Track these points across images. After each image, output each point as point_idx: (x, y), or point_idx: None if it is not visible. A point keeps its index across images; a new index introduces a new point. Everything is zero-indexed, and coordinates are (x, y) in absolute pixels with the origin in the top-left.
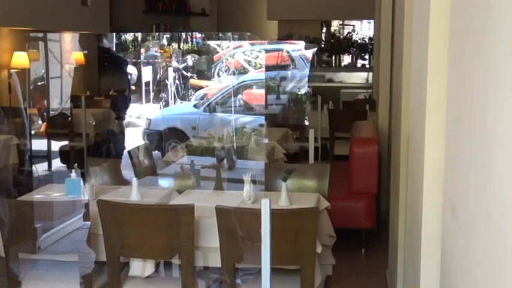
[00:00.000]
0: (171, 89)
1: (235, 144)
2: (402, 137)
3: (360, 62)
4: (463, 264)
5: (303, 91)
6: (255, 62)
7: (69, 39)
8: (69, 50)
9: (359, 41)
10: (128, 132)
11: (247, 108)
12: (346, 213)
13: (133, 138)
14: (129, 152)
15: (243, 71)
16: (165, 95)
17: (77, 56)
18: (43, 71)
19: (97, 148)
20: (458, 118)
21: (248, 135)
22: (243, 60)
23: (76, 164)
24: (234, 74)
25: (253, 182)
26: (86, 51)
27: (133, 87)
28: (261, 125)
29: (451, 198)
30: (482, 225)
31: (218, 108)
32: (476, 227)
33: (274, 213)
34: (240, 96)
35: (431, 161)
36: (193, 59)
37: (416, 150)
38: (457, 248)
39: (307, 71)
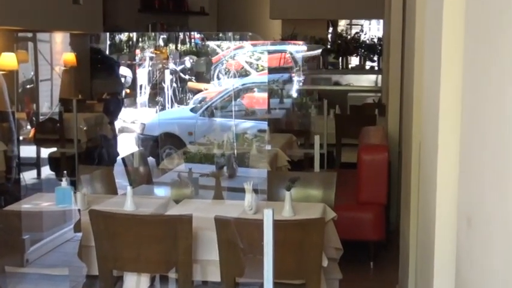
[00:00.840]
0: (168, 92)
1: (235, 151)
2: (414, 143)
3: (368, 64)
4: (480, 280)
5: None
6: (257, 64)
7: (60, 39)
8: (60, 50)
9: (367, 41)
10: (122, 137)
11: (249, 113)
12: (353, 225)
13: (127, 144)
14: (123, 159)
15: (244, 74)
16: (161, 99)
17: (68, 57)
18: (32, 73)
19: (89, 155)
20: (474, 122)
21: (249, 141)
22: (244, 62)
23: (66, 172)
24: (234, 76)
25: (255, 191)
26: (78, 52)
27: (127, 91)
28: (263, 131)
29: (466, 208)
30: (500, 237)
31: (217, 113)
32: (494, 239)
33: (278, 225)
34: (240, 100)
35: (445, 169)
36: (191, 60)
37: (428, 157)
38: (473, 263)
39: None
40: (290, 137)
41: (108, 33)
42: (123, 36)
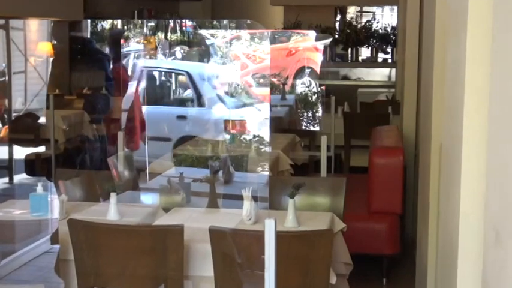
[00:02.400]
0: (176, 87)
1: (232, 153)
2: (433, 145)
3: (380, 56)
4: None
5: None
6: (255, 56)
7: (35, 27)
8: (35, 40)
9: (380, 31)
10: (105, 138)
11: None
12: (364, 237)
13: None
14: (106, 161)
15: (242, 66)
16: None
17: (44, 47)
18: (4, 64)
19: (67, 157)
20: (504, 121)
21: (247, 142)
22: (242, 54)
23: (43, 176)
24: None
25: (254, 198)
26: (56, 42)
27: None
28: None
29: (494, 219)
30: None
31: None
32: None
33: (280, 236)
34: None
35: (470, 174)
36: (182, 51)
37: (451, 161)
38: (502, 280)
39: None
40: (293, 138)
41: (89, 21)
42: (106, 23)
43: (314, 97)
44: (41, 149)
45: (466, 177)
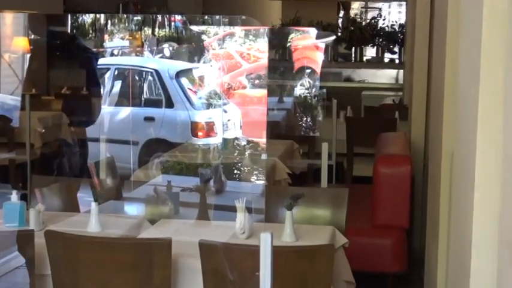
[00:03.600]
0: (144, 86)
1: (224, 160)
2: (444, 153)
3: (387, 56)
4: None
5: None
6: (250, 55)
7: (10, 20)
8: (10, 34)
9: (386, 28)
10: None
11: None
12: (368, 253)
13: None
14: (86, 168)
15: (235, 65)
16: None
17: (20, 42)
18: None
19: (44, 163)
20: None
21: (241, 148)
22: (235, 52)
23: (17, 184)
24: (223, 69)
25: (249, 210)
26: (33, 37)
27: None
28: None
29: (509, 236)
30: None
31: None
32: None
33: (276, 252)
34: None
35: (484, 185)
36: (171, 48)
37: (463, 170)
38: None
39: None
40: (291, 145)
41: (69, 15)
42: (88, 18)
43: (314, 100)
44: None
45: (480, 189)
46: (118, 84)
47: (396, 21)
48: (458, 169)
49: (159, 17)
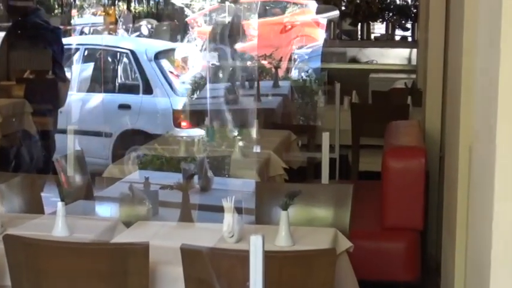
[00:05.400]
0: (118, 69)
1: (211, 153)
2: (461, 145)
3: (398, 34)
4: None
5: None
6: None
7: None
8: None
9: (397, 1)
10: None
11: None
12: (376, 259)
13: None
14: (52, 163)
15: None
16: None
17: None
18: None
19: (3, 157)
20: None
21: (231, 140)
22: None
23: None
24: (209, 49)
25: (238, 210)
26: None
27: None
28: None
29: None
30: None
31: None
32: None
33: (270, 257)
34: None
35: (505, 182)
36: (149, 26)
37: (481, 165)
38: None
39: None
40: (288, 135)
41: None
42: None
43: (314, 84)
44: None
45: (500, 185)
46: (88, 67)
47: None
48: (476, 164)
49: None
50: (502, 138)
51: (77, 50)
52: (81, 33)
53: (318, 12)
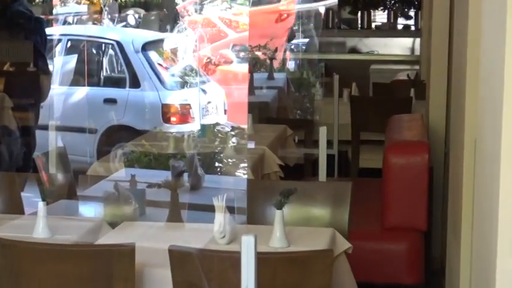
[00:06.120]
0: (103, 62)
1: (202, 149)
2: (466, 140)
3: (401, 22)
4: None
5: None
6: (237, 22)
7: None
8: None
9: None
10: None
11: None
12: (376, 261)
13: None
14: (33, 160)
15: (217, 34)
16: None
17: None
18: None
19: None
20: None
21: (223, 136)
22: (218, 19)
23: None
24: (202, 40)
25: (230, 209)
26: None
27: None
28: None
29: None
30: None
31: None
32: None
33: (263, 259)
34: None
35: (511, 178)
36: (136, 15)
37: (487, 161)
38: None
39: None
40: (283, 130)
41: None
42: None
43: (312, 76)
44: None
45: (505, 182)
46: (71, 60)
47: None
48: (481, 160)
49: None
50: (507, 130)
51: (60, 41)
52: (64, 22)
53: None
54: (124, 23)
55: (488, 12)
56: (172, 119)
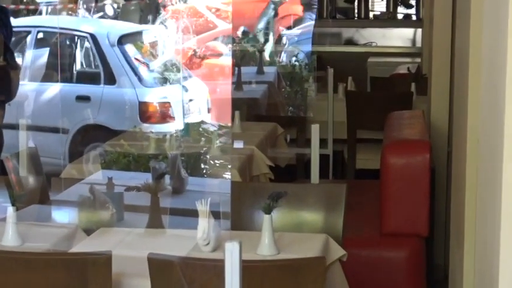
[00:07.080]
0: (77, 56)
1: (185, 149)
2: (469, 138)
3: (401, 12)
4: None
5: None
6: (226, 11)
7: None
8: None
9: None
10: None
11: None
12: (374, 269)
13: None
14: (1, 162)
15: (204, 25)
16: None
17: None
18: None
19: None
20: None
21: (208, 135)
22: (205, 9)
23: None
24: (187, 31)
25: (215, 214)
26: None
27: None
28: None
29: None
30: None
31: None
32: None
33: (250, 268)
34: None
35: None
36: (115, 5)
37: (489, 161)
38: None
39: None
40: (273, 128)
41: None
42: None
43: (304, 70)
44: None
45: (508, 183)
46: (42, 53)
47: None
48: (484, 158)
49: None
50: (509, 131)
51: (29, 32)
52: (34, 12)
53: None
54: (101, 14)
55: (490, 2)
56: (151, 118)
